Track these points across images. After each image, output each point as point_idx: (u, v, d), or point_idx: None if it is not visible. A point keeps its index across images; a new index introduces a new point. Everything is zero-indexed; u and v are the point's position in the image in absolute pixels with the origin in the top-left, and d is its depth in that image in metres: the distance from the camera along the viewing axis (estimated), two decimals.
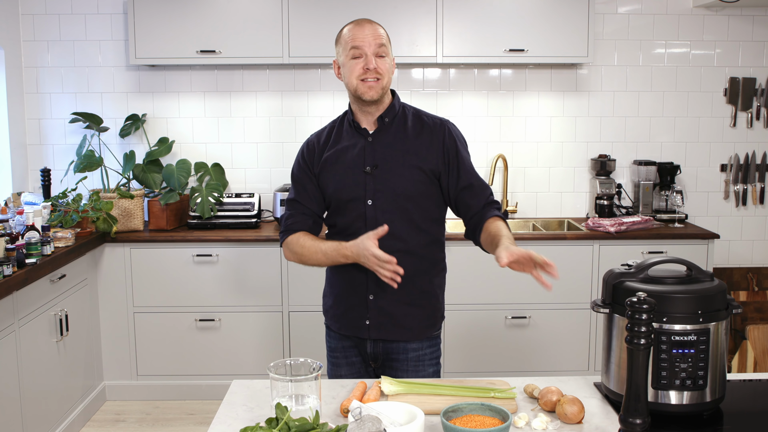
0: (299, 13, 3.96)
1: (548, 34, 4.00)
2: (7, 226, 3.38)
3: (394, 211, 2.17)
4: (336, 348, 2.32)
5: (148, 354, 4.01)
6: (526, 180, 4.46)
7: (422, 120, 2.24)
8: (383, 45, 2.15)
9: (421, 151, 2.18)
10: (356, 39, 2.14)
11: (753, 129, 4.45)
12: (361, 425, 1.42)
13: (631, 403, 1.48)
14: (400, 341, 2.23)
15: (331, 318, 2.32)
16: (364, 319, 2.22)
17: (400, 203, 2.17)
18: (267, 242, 3.91)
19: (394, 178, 2.17)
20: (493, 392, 1.78)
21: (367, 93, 2.15)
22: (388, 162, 2.18)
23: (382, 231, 2.03)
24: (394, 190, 2.17)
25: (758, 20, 4.36)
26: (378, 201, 2.17)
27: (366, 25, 2.16)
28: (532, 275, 1.93)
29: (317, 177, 2.25)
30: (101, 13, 4.29)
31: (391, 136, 2.21)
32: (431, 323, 2.26)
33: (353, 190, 2.19)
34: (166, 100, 4.38)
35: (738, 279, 4.40)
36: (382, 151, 2.19)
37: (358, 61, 2.15)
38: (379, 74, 2.14)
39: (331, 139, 2.27)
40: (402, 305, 2.20)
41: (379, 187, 2.17)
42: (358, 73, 2.14)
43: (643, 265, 1.76)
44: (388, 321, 2.21)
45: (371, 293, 2.20)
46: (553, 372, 4.00)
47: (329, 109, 4.38)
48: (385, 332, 2.22)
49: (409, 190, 2.17)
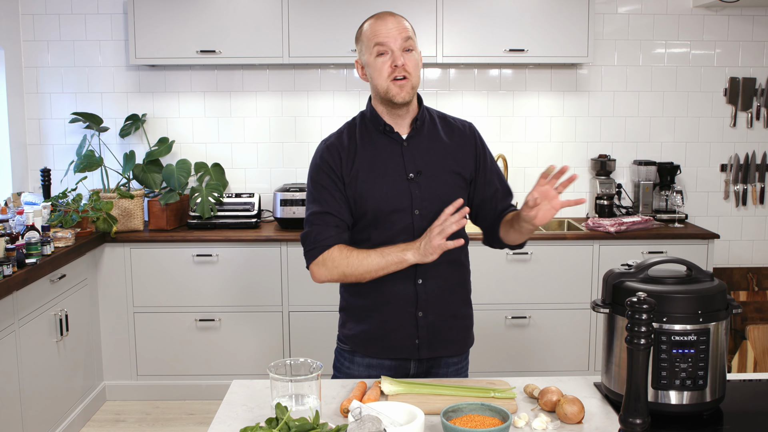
0: (299, 13, 3.96)
1: (548, 34, 4.00)
2: (7, 226, 3.38)
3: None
4: (361, 376, 2.09)
5: (148, 354, 4.01)
6: (526, 180, 4.46)
7: (449, 123, 2.12)
8: (410, 38, 1.97)
9: (457, 155, 2.05)
10: (379, 34, 1.96)
11: (753, 129, 4.45)
12: (361, 425, 1.42)
13: (631, 403, 1.48)
14: (443, 356, 2.09)
15: (364, 341, 2.08)
16: (414, 338, 2.04)
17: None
18: (267, 242, 3.91)
19: (439, 185, 2.01)
20: (493, 392, 1.78)
21: (398, 95, 1.96)
22: (431, 168, 2.02)
23: (464, 211, 1.89)
24: (440, 197, 2.00)
25: (758, 20, 4.36)
26: (425, 210, 2.00)
27: (389, 19, 1.98)
28: (564, 203, 1.88)
29: (346, 186, 2.01)
30: (101, 13, 4.29)
31: (426, 141, 2.05)
32: (469, 333, 2.16)
33: (399, 200, 1.99)
34: (166, 100, 4.38)
35: (738, 279, 4.40)
36: (422, 156, 2.03)
37: (385, 59, 1.96)
38: (407, 72, 1.96)
39: (357, 143, 2.03)
40: (447, 318, 2.07)
41: (425, 196, 2.00)
42: (387, 72, 1.96)
43: (643, 265, 1.76)
44: (437, 337, 2.06)
45: (421, 309, 2.03)
46: (553, 372, 4.00)
47: (329, 109, 4.38)
48: (434, 349, 2.06)
49: (453, 197, 1.99)
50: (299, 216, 4.04)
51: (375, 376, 2.08)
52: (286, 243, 3.91)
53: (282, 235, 3.92)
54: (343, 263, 1.95)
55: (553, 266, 3.92)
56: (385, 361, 2.08)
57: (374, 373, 2.08)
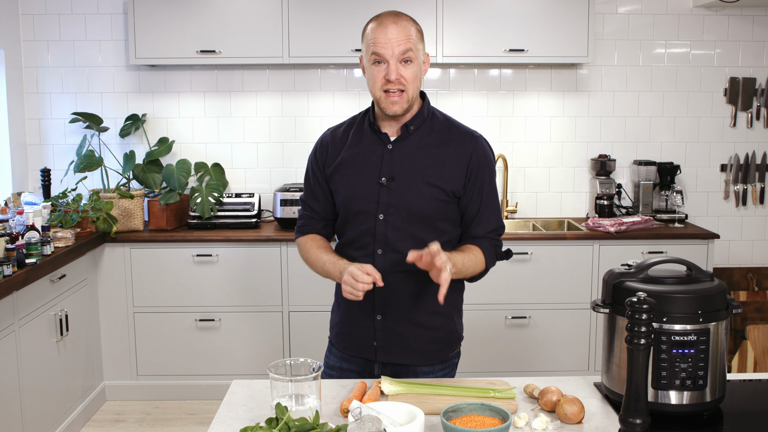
0: (299, 13, 3.96)
1: (548, 34, 4.00)
2: (7, 226, 3.38)
3: (407, 229, 1.98)
4: (334, 367, 2.14)
5: (148, 354, 4.01)
6: (526, 180, 4.46)
7: (451, 130, 2.03)
8: (409, 50, 1.91)
9: (444, 166, 1.98)
10: (378, 43, 1.91)
11: (753, 129, 4.45)
12: (361, 425, 1.42)
13: (631, 403, 1.48)
14: (410, 365, 2.06)
15: (336, 336, 2.14)
16: (372, 340, 2.04)
17: (413, 222, 1.98)
18: (267, 242, 3.91)
19: (411, 195, 1.97)
20: (493, 392, 1.78)
21: (389, 108, 1.95)
22: (406, 175, 1.97)
23: (379, 283, 1.84)
24: (409, 207, 1.97)
25: (758, 20, 4.36)
26: (390, 217, 1.98)
27: (390, 27, 1.91)
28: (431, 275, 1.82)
29: (328, 179, 2.07)
30: (101, 13, 4.29)
31: (413, 146, 2.00)
32: (444, 346, 2.09)
33: (364, 202, 2.00)
34: (166, 100, 4.38)
35: (738, 279, 4.40)
36: (402, 161, 1.99)
37: (380, 69, 1.92)
38: (403, 85, 1.92)
39: (348, 138, 2.07)
40: (412, 326, 2.03)
41: (393, 202, 1.97)
42: (380, 84, 1.93)
43: (643, 265, 1.76)
44: (397, 343, 2.03)
45: (379, 313, 2.03)
46: (553, 372, 4.00)
47: (329, 109, 4.38)
48: (395, 355, 2.04)
49: (424, 209, 1.97)
50: None
51: (346, 369, 2.11)
52: (286, 243, 3.91)
53: (282, 235, 3.92)
54: (304, 254, 2.12)
55: (553, 266, 3.92)
56: (353, 357, 2.10)
57: (345, 366, 2.12)
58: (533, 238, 3.92)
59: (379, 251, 2.00)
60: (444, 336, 2.09)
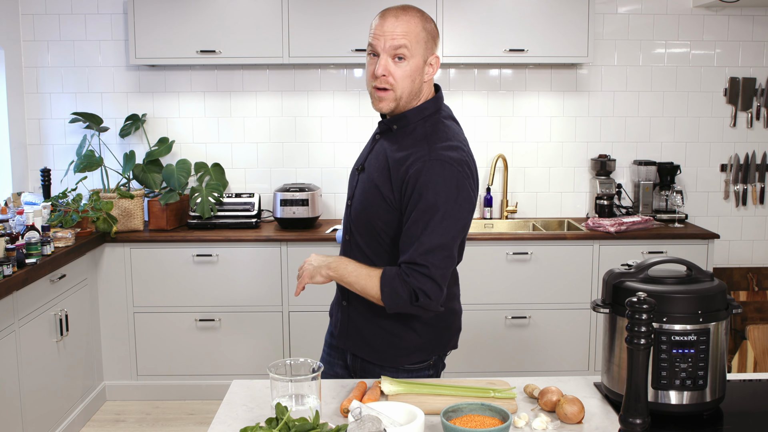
0: (299, 13, 3.96)
1: (548, 34, 4.00)
2: (7, 226, 3.38)
3: (360, 222, 1.94)
4: (332, 344, 2.13)
5: (148, 354, 4.01)
6: (526, 180, 4.46)
7: (420, 142, 1.84)
8: (403, 47, 1.80)
9: (390, 174, 1.85)
10: (374, 34, 1.83)
11: (753, 129, 4.44)
12: (361, 425, 1.42)
13: (631, 403, 1.48)
14: (368, 362, 1.99)
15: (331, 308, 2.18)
16: (338, 323, 2.06)
17: (362, 216, 1.92)
18: (267, 242, 3.91)
19: (367, 187, 1.91)
20: (493, 392, 1.78)
21: (374, 104, 1.88)
22: (371, 167, 1.92)
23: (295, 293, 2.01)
24: (362, 199, 1.92)
25: (758, 20, 4.36)
26: (353, 206, 1.96)
27: (389, 19, 1.82)
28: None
29: None
30: (101, 13, 4.29)
31: (389, 142, 1.91)
32: (406, 354, 1.96)
33: (349, 184, 2.06)
34: (166, 100, 4.38)
35: (738, 279, 4.40)
36: (375, 155, 1.94)
37: (372, 61, 1.85)
38: (390, 84, 1.82)
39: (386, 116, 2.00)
40: (371, 322, 1.96)
41: (357, 193, 1.96)
42: (368, 78, 1.87)
43: (643, 265, 1.76)
44: (357, 334, 1.99)
45: (345, 299, 2.03)
46: (553, 372, 4.00)
47: (329, 109, 4.38)
48: (352, 345, 2.02)
49: (369, 210, 1.89)
50: (299, 216, 4.04)
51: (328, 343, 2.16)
52: (286, 243, 3.91)
53: (282, 235, 3.92)
54: None
55: (553, 266, 3.92)
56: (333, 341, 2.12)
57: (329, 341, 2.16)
58: (533, 238, 3.92)
59: (347, 237, 2.02)
60: (405, 345, 1.95)
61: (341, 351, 2.11)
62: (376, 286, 1.83)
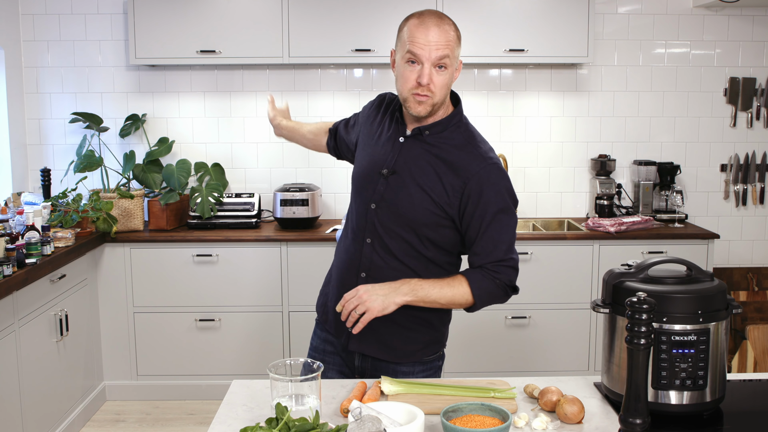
0: (299, 13, 3.96)
1: (548, 34, 4.00)
2: (7, 226, 3.38)
3: (393, 228, 1.94)
4: (317, 348, 2.12)
5: (148, 354, 4.01)
6: (526, 180, 4.46)
7: (466, 147, 1.93)
8: (446, 56, 1.85)
9: (441, 179, 1.90)
10: (416, 43, 1.84)
11: (753, 129, 4.45)
12: (361, 425, 1.42)
13: (631, 403, 1.48)
14: (383, 360, 2.01)
15: (319, 308, 2.14)
16: (345, 330, 2.00)
17: (400, 222, 1.93)
18: (267, 242, 3.91)
19: (403, 194, 1.91)
20: (493, 392, 1.78)
21: (414, 108, 1.89)
22: (406, 173, 1.92)
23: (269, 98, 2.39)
24: (398, 206, 1.92)
25: (758, 20, 4.36)
26: (380, 210, 1.95)
27: (432, 29, 1.83)
28: None
29: (357, 141, 2.10)
30: (101, 13, 4.29)
31: (422, 148, 1.94)
32: (422, 347, 2.02)
33: (365, 186, 1.98)
34: (166, 100, 4.38)
35: (738, 279, 4.40)
36: (406, 158, 1.93)
37: (413, 69, 1.86)
38: (432, 92, 1.86)
39: (387, 115, 2.04)
40: (388, 322, 1.95)
41: (387, 197, 1.94)
42: (411, 86, 1.87)
43: (643, 265, 1.76)
44: (371, 335, 1.98)
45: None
46: (553, 372, 4.00)
47: (329, 109, 4.38)
48: (366, 347, 2.00)
49: (410, 213, 1.91)
50: (299, 216, 4.04)
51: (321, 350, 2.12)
52: (286, 243, 3.91)
53: (282, 235, 3.92)
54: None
55: (553, 266, 3.92)
56: (329, 337, 2.10)
57: (320, 347, 2.12)
58: (533, 238, 3.92)
59: (368, 240, 1.99)
60: (425, 339, 2.03)
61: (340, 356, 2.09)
62: (467, 293, 1.92)
